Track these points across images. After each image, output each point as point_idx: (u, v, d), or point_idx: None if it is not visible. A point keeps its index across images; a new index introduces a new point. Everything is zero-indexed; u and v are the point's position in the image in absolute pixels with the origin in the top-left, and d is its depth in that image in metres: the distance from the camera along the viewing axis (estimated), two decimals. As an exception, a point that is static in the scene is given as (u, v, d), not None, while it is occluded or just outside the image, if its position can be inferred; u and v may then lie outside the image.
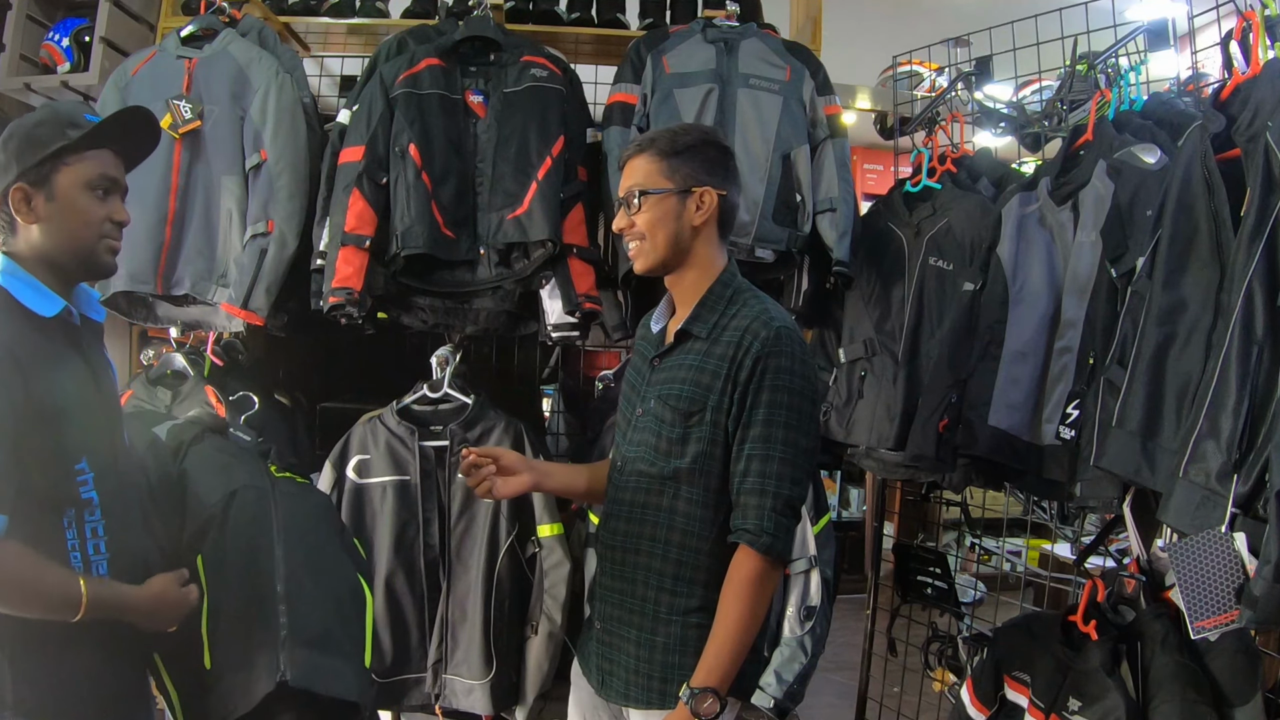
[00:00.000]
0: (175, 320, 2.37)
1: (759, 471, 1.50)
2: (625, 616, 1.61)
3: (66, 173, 1.42)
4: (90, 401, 1.46)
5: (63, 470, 1.39)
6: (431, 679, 2.29)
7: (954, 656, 2.60)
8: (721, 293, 1.59)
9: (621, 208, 1.61)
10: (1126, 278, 1.82)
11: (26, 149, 1.41)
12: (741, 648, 1.50)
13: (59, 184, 1.42)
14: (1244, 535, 1.41)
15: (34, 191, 1.41)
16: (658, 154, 1.57)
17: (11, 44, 2.67)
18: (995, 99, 2.73)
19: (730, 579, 1.51)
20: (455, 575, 2.27)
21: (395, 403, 2.31)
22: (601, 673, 1.65)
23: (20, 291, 1.40)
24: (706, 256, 1.60)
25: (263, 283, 2.20)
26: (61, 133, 1.42)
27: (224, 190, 2.25)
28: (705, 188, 1.57)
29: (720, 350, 1.54)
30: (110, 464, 1.47)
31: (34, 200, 1.41)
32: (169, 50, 2.32)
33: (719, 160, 1.60)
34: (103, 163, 1.46)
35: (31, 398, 1.33)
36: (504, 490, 1.67)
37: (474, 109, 2.26)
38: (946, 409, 2.13)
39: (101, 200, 1.45)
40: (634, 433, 1.64)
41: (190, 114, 2.23)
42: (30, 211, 1.41)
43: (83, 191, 1.43)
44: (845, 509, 5.73)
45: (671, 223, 1.56)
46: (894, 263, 2.38)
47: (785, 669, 2.25)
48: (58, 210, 1.42)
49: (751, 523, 1.49)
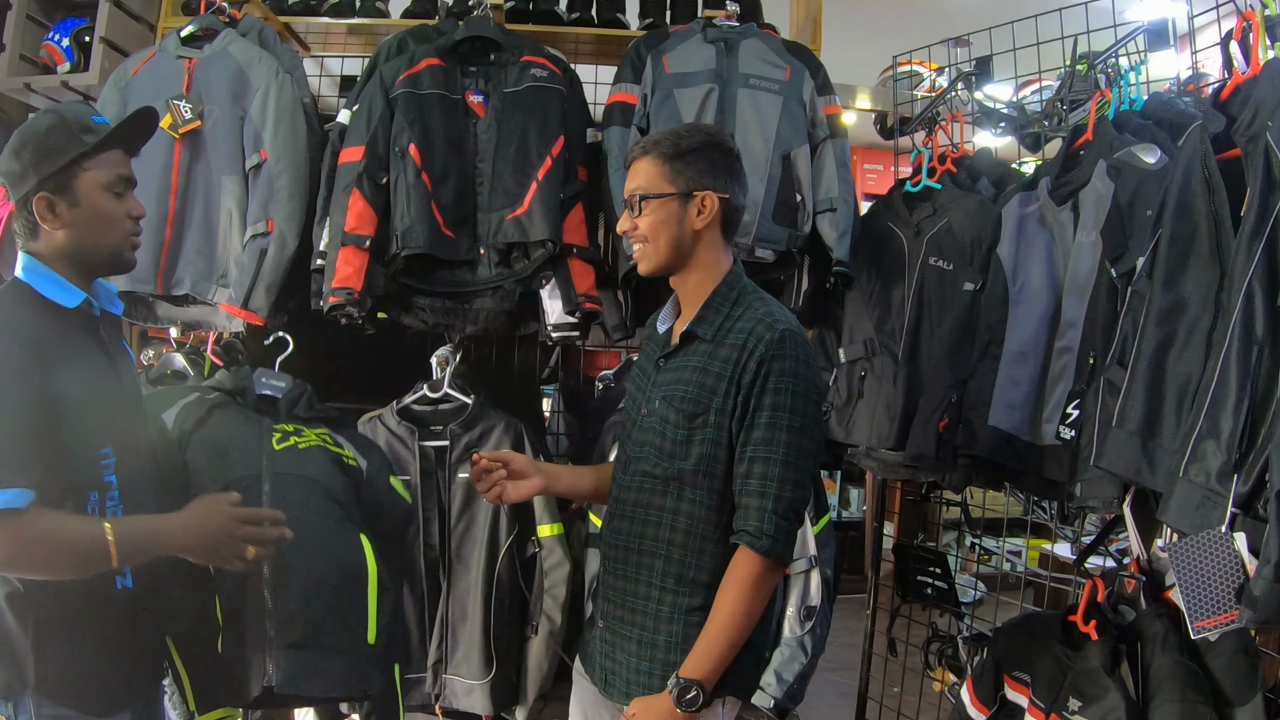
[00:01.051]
0: (175, 320, 2.37)
1: (761, 474, 1.50)
2: (628, 616, 1.61)
3: (86, 178, 1.47)
4: (112, 390, 1.52)
5: (88, 456, 1.44)
6: (431, 679, 2.29)
7: (954, 656, 2.60)
8: (727, 294, 1.60)
9: (626, 210, 1.62)
10: (1126, 278, 1.82)
11: (44, 158, 1.45)
12: (732, 645, 1.51)
13: (80, 189, 1.47)
14: (1244, 535, 1.41)
15: (57, 199, 1.46)
16: (661, 157, 1.57)
17: (11, 44, 2.67)
18: (995, 99, 2.73)
19: (728, 577, 1.52)
20: (455, 575, 2.27)
21: (395, 403, 2.31)
22: (605, 671, 1.66)
23: (43, 286, 1.46)
24: (710, 259, 1.61)
25: (263, 283, 2.20)
26: (77, 139, 1.46)
27: (224, 190, 2.25)
28: (707, 191, 1.57)
29: (725, 352, 1.55)
30: (130, 451, 1.52)
31: (58, 207, 1.47)
32: (169, 50, 2.32)
33: (722, 163, 1.60)
34: (116, 163, 1.52)
35: (57, 386, 1.38)
36: (515, 494, 1.67)
37: (474, 109, 2.26)
38: (946, 409, 2.13)
39: (120, 199, 1.51)
40: (639, 433, 1.64)
41: (190, 114, 2.23)
42: (55, 218, 1.47)
43: (103, 194, 1.49)
44: (845, 509, 5.73)
45: (673, 226, 1.57)
46: (894, 263, 2.38)
47: (785, 669, 2.25)
48: (83, 214, 1.48)
49: (752, 524, 1.50)
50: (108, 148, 1.50)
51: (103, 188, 1.49)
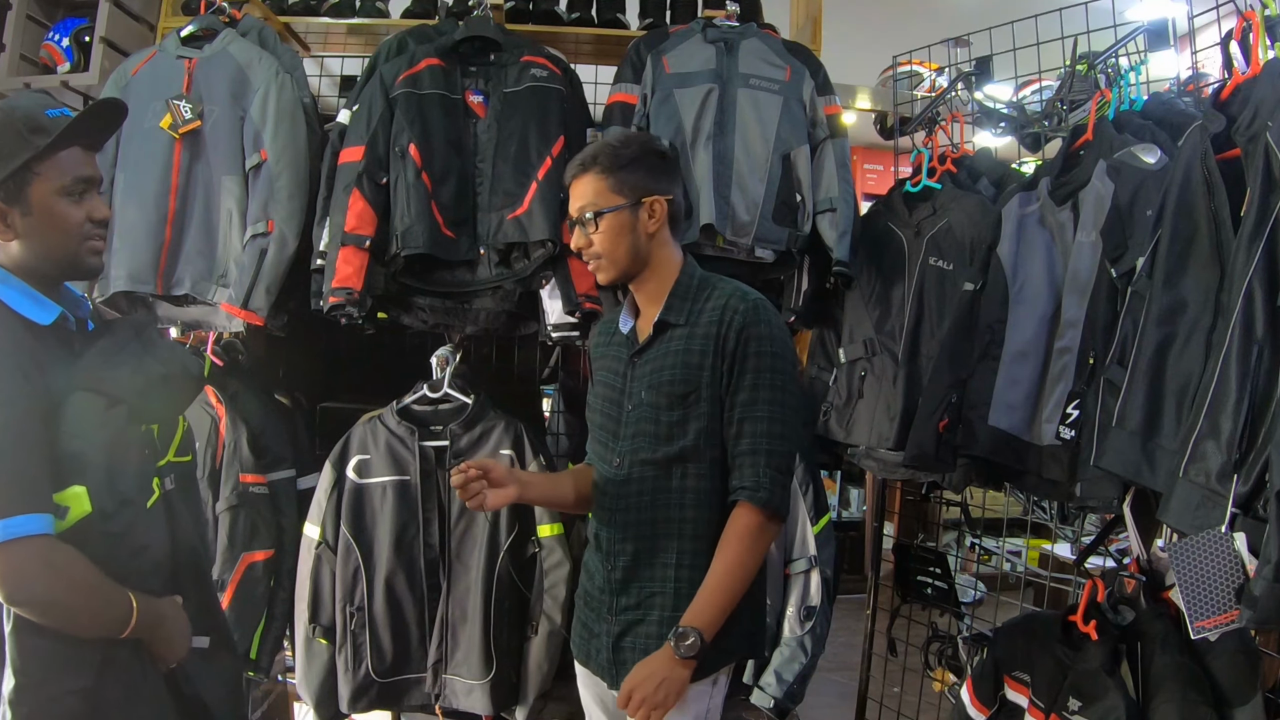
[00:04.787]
0: (175, 320, 2.37)
1: (751, 432, 1.59)
2: (645, 600, 1.66)
3: (39, 183, 1.35)
4: None
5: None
6: (431, 679, 2.29)
7: (954, 656, 2.60)
8: (689, 283, 1.68)
9: (577, 228, 1.67)
10: (1126, 278, 1.82)
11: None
12: (732, 596, 1.57)
13: (33, 196, 1.35)
14: (1244, 535, 1.41)
15: (7, 208, 1.34)
16: (603, 171, 1.64)
17: (11, 44, 2.67)
18: (995, 99, 2.73)
19: (728, 531, 1.59)
20: (455, 575, 2.27)
21: (395, 403, 2.31)
22: (617, 664, 1.68)
23: (15, 301, 1.35)
24: (665, 256, 1.69)
25: (263, 283, 2.20)
26: (26, 141, 1.32)
27: (224, 190, 2.25)
28: (654, 196, 1.65)
29: (703, 330, 1.63)
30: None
31: (9, 216, 1.35)
32: (169, 50, 2.33)
33: (661, 167, 1.68)
34: (75, 163, 1.38)
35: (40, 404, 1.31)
36: (494, 502, 1.68)
37: (474, 109, 2.26)
38: (946, 409, 2.13)
39: (78, 202, 1.39)
40: (628, 428, 1.68)
41: (190, 114, 2.23)
42: (7, 228, 1.35)
43: (59, 199, 1.36)
44: (845, 509, 5.74)
45: (628, 235, 1.64)
46: (894, 263, 2.38)
47: (785, 669, 2.25)
48: (36, 223, 1.36)
49: (749, 480, 1.58)
50: (61, 147, 1.35)
51: (57, 193, 1.35)
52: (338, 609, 2.24)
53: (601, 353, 1.80)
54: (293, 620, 2.30)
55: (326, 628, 2.25)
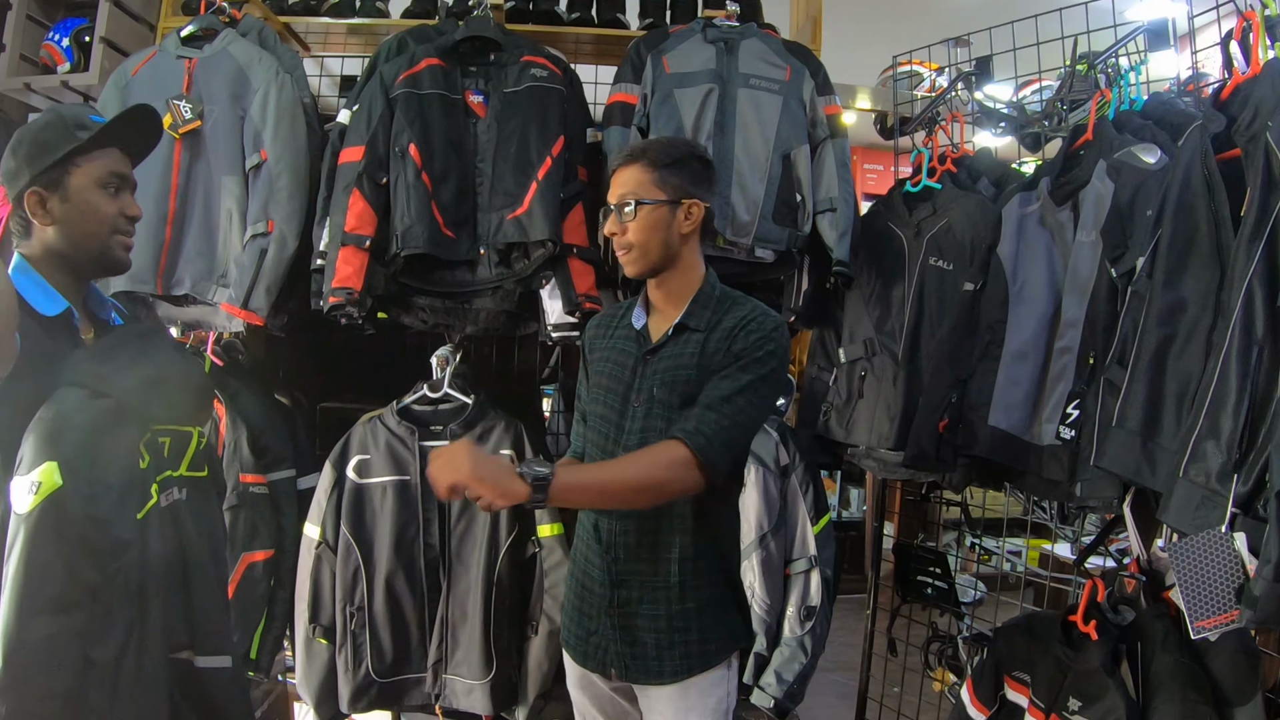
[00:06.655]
0: (175, 320, 2.36)
1: (715, 396, 1.58)
2: (651, 595, 1.66)
3: (78, 174, 1.46)
4: None
5: None
6: (431, 679, 2.29)
7: (954, 656, 2.60)
8: (711, 293, 1.71)
9: (613, 214, 1.68)
10: (1126, 278, 1.82)
11: (37, 154, 1.44)
12: (601, 494, 1.57)
13: (71, 185, 1.45)
14: (1244, 535, 1.41)
15: (48, 194, 1.45)
16: (650, 165, 1.66)
17: (11, 44, 2.67)
18: (995, 99, 2.73)
19: (646, 449, 1.58)
20: (455, 575, 2.27)
21: (395, 403, 2.31)
22: (622, 658, 1.68)
23: (27, 290, 1.43)
24: (692, 261, 1.71)
25: (263, 283, 2.20)
26: (70, 135, 1.45)
27: (224, 190, 2.25)
28: (694, 200, 1.66)
29: (719, 334, 1.65)
30: None
31: (49, 202, 1.45)
32: (169, 50, 2.33)
33: (703, 174, 1.70)
34: (112, 160, 1.49)
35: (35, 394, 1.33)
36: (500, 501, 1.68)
37: (474, 109, 2.26)
38: (946, 409, 2.13)
39: (113, 197, 1.49)
40: (634, 422, 1.68)
41: (190, 114, 2.23)
42: (46, 213, 1.45)
43: (95, 190, 1.47)
44: (845, 509, 5.73)
45: (663, 231, 1.66)
46: (894, 263, 2.38)
47: (785, 669, 2.25)
48: (73, 210, 1.46)
49: (693, 424, 1.55)
50: (103, 144, 1.48)
51: (95, 184, 1.47)
52: (338, 609, 2.25)
53: (600, 344, 1.81)
54: (293, 620, 2.30)
55: (326, 628, 2.25)
